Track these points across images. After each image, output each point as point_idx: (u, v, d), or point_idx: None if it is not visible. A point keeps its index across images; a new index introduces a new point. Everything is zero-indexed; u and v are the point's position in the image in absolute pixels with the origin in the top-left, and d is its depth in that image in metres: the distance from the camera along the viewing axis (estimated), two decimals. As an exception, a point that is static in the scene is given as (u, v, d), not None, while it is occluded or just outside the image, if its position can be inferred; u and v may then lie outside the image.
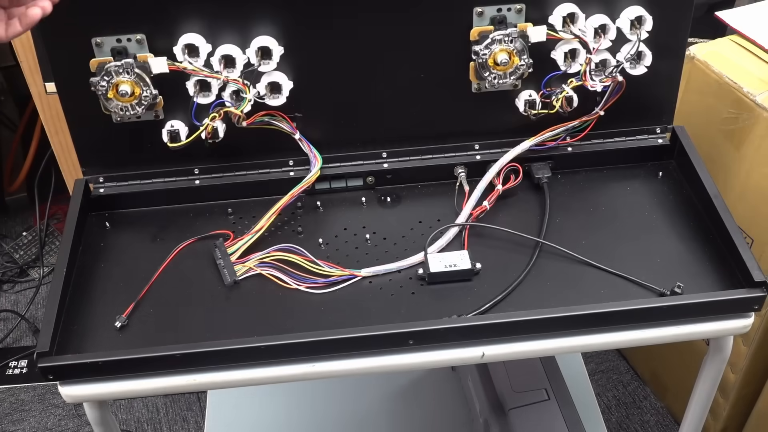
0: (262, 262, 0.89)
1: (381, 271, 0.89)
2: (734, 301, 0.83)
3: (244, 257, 0.90)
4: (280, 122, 0.94)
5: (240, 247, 0.90)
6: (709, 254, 0.89)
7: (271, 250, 0.90)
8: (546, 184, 0.98)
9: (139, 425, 1.60)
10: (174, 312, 0.86)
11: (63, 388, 0.81)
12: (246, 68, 0.90)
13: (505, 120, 0.98)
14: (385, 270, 0.89)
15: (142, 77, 0.88)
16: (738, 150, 1.14)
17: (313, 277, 0.88)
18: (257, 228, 0.91)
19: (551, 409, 1.15)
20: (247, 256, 0.90)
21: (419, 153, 1.00)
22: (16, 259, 1.90)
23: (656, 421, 1.55)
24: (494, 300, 0.85)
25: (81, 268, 0.91)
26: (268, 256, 0.89)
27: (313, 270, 0.88)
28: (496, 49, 0.91)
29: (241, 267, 0.89)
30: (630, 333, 0.84)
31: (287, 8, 0.89)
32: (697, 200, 0.95)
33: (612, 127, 1.00)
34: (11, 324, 1.79)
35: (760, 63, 1.13)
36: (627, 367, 1.65)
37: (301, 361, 0.82)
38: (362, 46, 0.92)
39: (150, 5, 0.87)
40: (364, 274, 0.89)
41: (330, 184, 0.99)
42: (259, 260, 0.89)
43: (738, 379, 1.29)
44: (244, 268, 0.89)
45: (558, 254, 0.90)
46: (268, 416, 1.41)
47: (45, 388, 1.67)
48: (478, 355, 0.83)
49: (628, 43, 0.93)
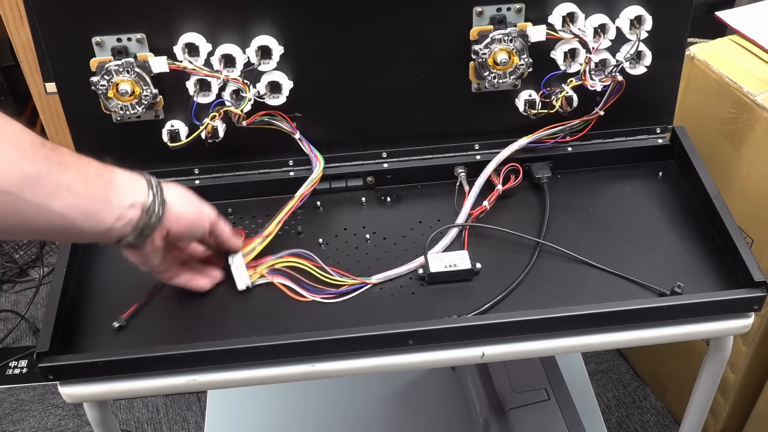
0: (273, 268, 0.88)
1: (392, 276, 0.89)
2: (734, 301, 0.83)
3: (254, 262, 0.89)
4: (280, 122, 0.94)
5: (249, 252, 0.89)
6: (709, 254, 0.89)
7: (283, 255, 0.88)
8: (546, 184, 0.98)
9: (139, 425, 1.60)
10: (175, 311, 0.86)
11: (63, 388, 0.81)
12: (246, 68, 0.90)
13: (505, 120, 0.98)
14: (395, 274, 0.89)
15: (143, 76, 0.88)
16: (738, 150, 1.14)
17: (324, 287, 0.87)
18: (267, 233, 0.89)
19: (551, 409, 1.15)
20: (257, 261, 0.89)
21: (419, 153, 1.00)
22: (16, 259, 1.90)
23: (656, 421, 1.55)
24: (494, 300, 0.85)
25: (81, 268, 0.91)
26: (280, 262, 0.88)
27: (323, 279, 0.87)
28: (495, 48, 0.91)
29: (253, 273, 0.88)
30: (630, 333, 0.84)
31: (287, 8, 0.89)
32: (697, 200, 0.95)
33: (612, 127, 1.00)
34: (11, 324, 1.79)
35: (760, 63, 1.13)
36: (627, 367, 1.65)
37: (301, 361, 0.82)
38: (362, 45, 0.92)
39: (150, 5, 0.87)
40: (375, 281, 0.88)
41: (330, 184, 0.99)
42: (270, 266, 0.88)
43: (738, 379, 1.29)
44: (256, 275, 0.88)
45: (558, 254, 0.90)
46: (268, 416, 1.42)
47: (45, 388, 1.67)
48: (478, 355, 0.83)
49: (627, 43, 0.93)
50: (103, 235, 0.73)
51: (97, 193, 0.71)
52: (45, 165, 0.67)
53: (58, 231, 0.71)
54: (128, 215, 0.74)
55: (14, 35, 1.44)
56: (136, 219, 0.74)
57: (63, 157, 0.69)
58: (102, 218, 0.72)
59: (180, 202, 0.79)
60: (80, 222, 0.70)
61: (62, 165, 0.68)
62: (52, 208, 0.68)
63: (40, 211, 0.67)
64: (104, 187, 0.72)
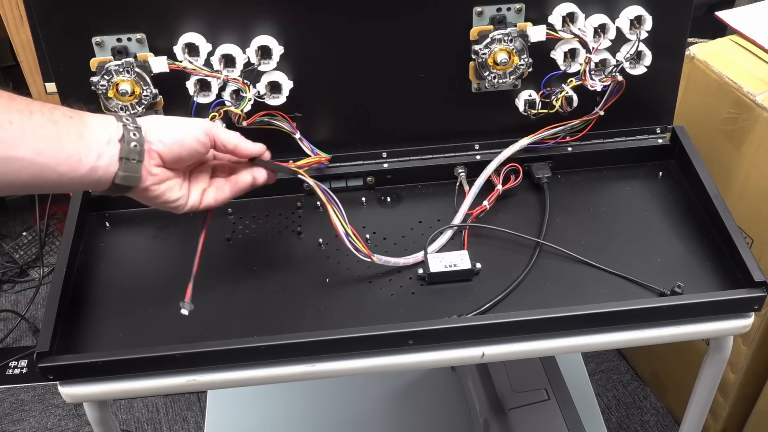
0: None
1: (390, 263, 0.89)
2: (734, 301, 0.83)
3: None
4: (280, 122, 0.94)
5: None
6: (709, 254, 0.89)
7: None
8: (546, 184, 0.98)
9: (139, 425, 1.60)
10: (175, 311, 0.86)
11: (63, 388, 0.81)
12: (246, 68, 0.90)
13: (505, 120, 0.98)
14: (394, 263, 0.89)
15: (143, 76, 0.88)
16: (738, 150, 1.14)
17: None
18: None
19: (551, 409, 1.15)
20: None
21: (419, 153, 1.00)
22: (16, 259, 1.90)
23: (656, 421, 1.55)
24: (494, 300, 0.85)
25: (81, 268, 0.91)
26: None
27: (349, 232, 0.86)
28: (495, 48, 0.91)
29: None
30: (630, 333, 0.84)
31: (287, 8, 0.89)
32: (697, 200, 0.95)
33: (612, 127, 1.00)
34: (11, 324, 1.79)
35: (760, 63, 1.13)
36: (627, 367, 1.65)
37: (301, 361, 0.82)
38: (362, 45, 0.92)
39: (150, 5, 0.87)
40: (377, 260, 0.87)
41: (330, 184, 0.99)
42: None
43: (738, 379, 1.29)
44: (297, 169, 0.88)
45: (558, 254, 0.90)
46: (268, 416, 1.42)
47: (45, 388, 1.67)
48: (478, 355, 0.83)
49: (627, 43, 0.93)
50: (89, 177, 0.71)
51: (69, 133, 0.69)
52: (4, 114, 0.65)
53: (35, 180, 0.68)
54: (108, 151, 0.72)
55: (14, 35, 1.44)
56: (117, 151, 0.73)
57: (23, 104, 0.67)
58: (81, 158, 0.70)
59: (158, 122, 0.77)
60: (56, 166, 0.68)
61: (24, 111, 0.66)
62: (21, 156, 0.66)
63: (7, 161, 0.65)
64: (75, 127, 0.70)
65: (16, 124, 0.66)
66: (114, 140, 0.73)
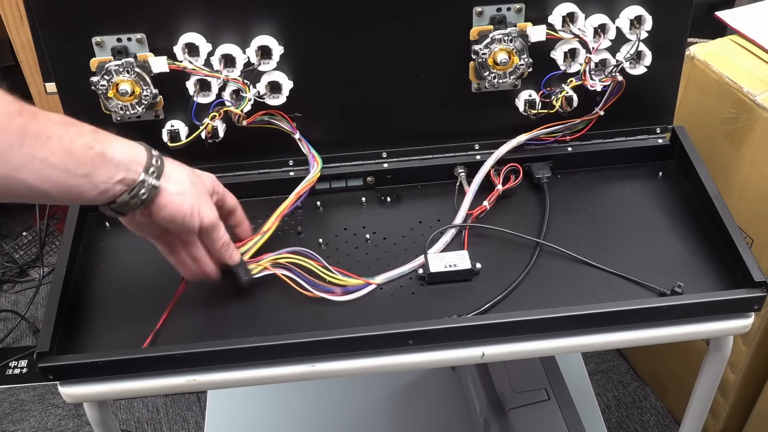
0: (276, 263, 0.87)
1: (395, 276, 0.88)
2: (734, 301, 0.83)
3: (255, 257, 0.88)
4: (280, 122, 0.94)
5: (251, 247, 0.88)
6: (709, 254, 0.89)
7: (284, 252, 0.87)
8: (546, 184, 0.98)
9: (139, 425, 1.60)
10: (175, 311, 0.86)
11: (63, 388, 0.81)
12: (246, 68, 0.90)
13: (505, 120, 0.98)
14: (398, 274, 0.88)
15: (143, 76, 0.88)
16: (738, 150, 1.14)
17: (328, 285, 0.86)
18: (265, 229, 0.89)
19: (551, 409, 1.15)
20: (258, 256, 0.88)
21: (419, 153, 1.00)
22: (16, 259, 1.90)
23: (656, 421, 1.55)
24: (494, 300, 0.85)
25: (81, 268, 0.91)
26: (283, 258, 0.87)
27: (327, 277, 0.87)
28: (495, 48, 0.91)
29: (256, 266, 0.87)
30: (630, 333, 0.84)
31: (287, 8, 0.89)
32: (697, 200, 0.95)
33: (612, 127, 1.00)
34: (11, 324, 1.79)
35: (760, 63, 1.13)
36: (627, 367, 1.65)
37: (301, 361, 0.82)
38: (362, 45, 0.92)
39: (150, 5, 0.87)
40: (378, 281, 0.88)
41: (330, 184, 0.99)
42: (273, 261, 0.87)
43: (738, 379, 1.29)
44: (259, 267, 0.87)
45: (558, 254, 0.90)
46: (268, 416, 1.42)
47: (45, 388, 1.67)
48: (478, 355, 0.83)
49: (627, 43, 0.93)
50: (81, 201, 0.71)
51: (79, 166, 0.68)
52: (17, 137, 0.64)
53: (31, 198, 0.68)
54: (114, 189, 0.71)
55: (14, 35, 1.44)
56: (122, 192, 0.72)
57: (43, 127, 0.66)
58: (80, 192, 0.69)
59: (175, 191, 0.75)
60: (55, 194, 0.68)
61: (40, 136, 0.65)
62: (22, 179, 0.65)
63: (8, 180, 0.64)
64: (91, 160, 0.69)
65: (26, 147, 0.65)
66: (126, 181, 0.72)
